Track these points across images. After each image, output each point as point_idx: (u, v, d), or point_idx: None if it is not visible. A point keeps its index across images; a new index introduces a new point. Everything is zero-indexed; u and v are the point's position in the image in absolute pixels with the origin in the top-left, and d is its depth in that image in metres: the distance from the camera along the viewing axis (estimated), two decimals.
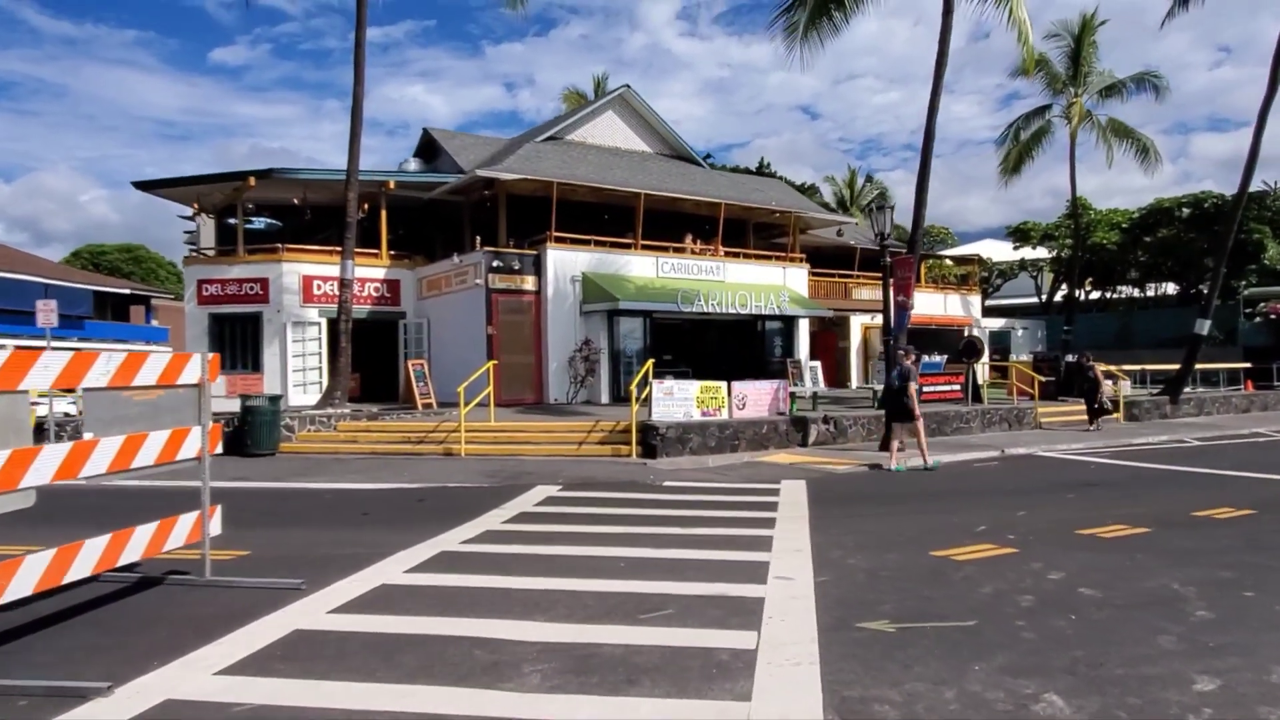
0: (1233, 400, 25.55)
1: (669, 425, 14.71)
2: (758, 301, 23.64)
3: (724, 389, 15.81)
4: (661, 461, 14.32)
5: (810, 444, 16.25)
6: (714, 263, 24.53)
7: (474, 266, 21.55)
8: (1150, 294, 42.31)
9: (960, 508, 10.13)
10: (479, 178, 22.23)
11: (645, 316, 22.32)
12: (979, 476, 13.22)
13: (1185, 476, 12.80)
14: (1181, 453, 16.07)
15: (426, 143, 29.12)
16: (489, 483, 12.37)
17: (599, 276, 22.11)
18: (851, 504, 10.58)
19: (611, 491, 11.50)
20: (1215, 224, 35.05)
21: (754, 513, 9.82)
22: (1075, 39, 33.05)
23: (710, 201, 25.36)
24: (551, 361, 21.65)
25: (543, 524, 9.24)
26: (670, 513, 9.86)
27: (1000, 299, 43.19)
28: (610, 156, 27.38)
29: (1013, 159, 34.25)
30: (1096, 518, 9.27)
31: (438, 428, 16.26)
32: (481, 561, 7.49)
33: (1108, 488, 11.74)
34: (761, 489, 11.72)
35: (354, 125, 18.49)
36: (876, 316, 32.74)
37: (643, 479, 12.64)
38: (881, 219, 15.21)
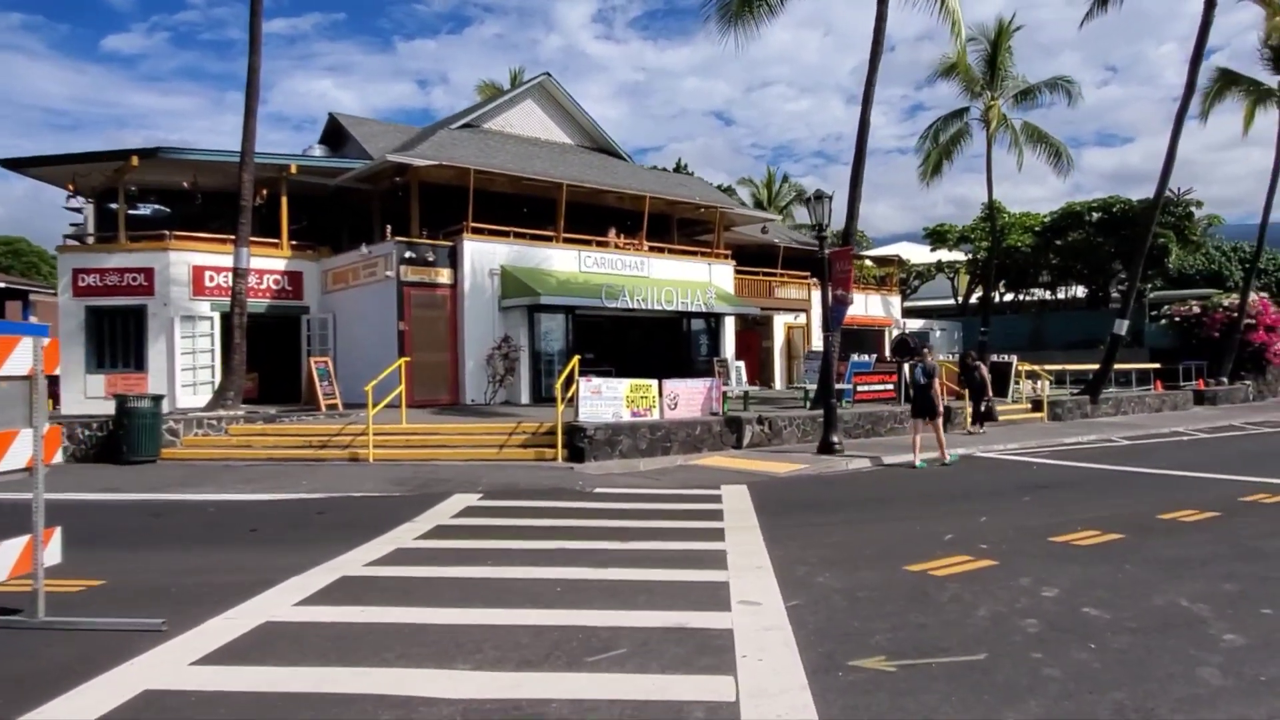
0: (1146, 400, 25.99)
1: (597, 427, 13.68)
2: (684, 298, 22.81)
3: (654, 388, 14.87)
4: (589, 466, 13.28)
5: (745, 446, 15.45)
6: (639, 258, 23.61)
7: (384, 258, 20.07)
8: (1061, 296, 43.35)
9: (918, 514, 9.40)
10: (389, 164, 20.75)
11: (568, 313, 21.22)
12: (925, 479, 12.60)
13: (1130, 477, 12.44)
14: (1115, 452, 15.88)
15: (333, 129, 27.34)
16: (400, 491, 11.10)
17: (519, 270, 20.92)
18: (802, 511, 9.74)
19: (538, 500, 10.40)
20: (1123, 228, 36.03)
21: (699, 522, 8.88)
22: (992, 43, 33.36)
23: (634, 194, 24.42)
24: (468, 360, 20.34)
25: (463, 539, 8.09)
26: (606, 524, 8.83)
27: (918, 300, 43.68)
28: (530, 147, 26.17)
29: (933, 161, 34.40)
30: (1064, 523, 8.65)
31: (342, 431, 14.83)
32: (390, 589, 6.31)
33: (1060, 489, 11.23)
34: (702, 495, 10.79)
35: (249, 98, 16.84)
36: (800, 316, 32.52)
37: (571, 485, 11.57)
38: (820, 209, 14.52)
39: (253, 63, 16.76)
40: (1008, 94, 33.83)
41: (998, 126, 33.41)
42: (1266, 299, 33.39)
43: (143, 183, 22.17)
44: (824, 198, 14.58)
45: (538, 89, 27.45)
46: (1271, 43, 30.77)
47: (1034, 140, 34.18)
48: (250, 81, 16.75)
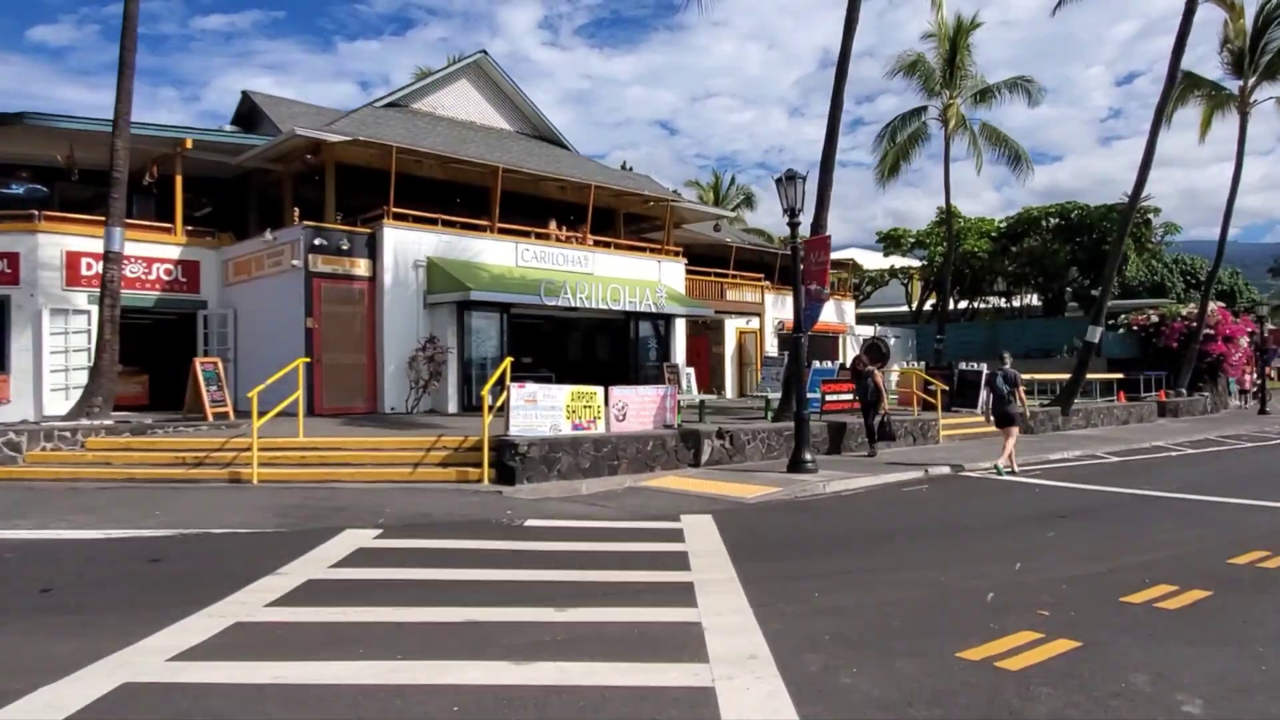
0: (1114, 412, 24.79)
1: (531, 441, 11.50)
2: (631, 297, 20.74)
3: (599, 396, 12.76)
4: (522, 489, 11.08)
5: (704, 464, 13.42)
6: (582, 252, 21.47)
7: (291, 245, 17.58)
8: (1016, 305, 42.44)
9: (934, 556, 7.45)
10: (299, 140, 18.25)
11: (502, 311, 18.97)
12: (919, 506, 10.72)
13: (1149, 503, 10.74)
14: (1110, 471, 14.28)
15: (246, 110, 24.63)
16: (277, 525, 8.76)
17: (447, 263, 18.61)
18: (787, 553, 7.71)
19: (452, 538, 8.18)
20: (1079, 234, 35.15)
21: (658, 573, 6.79)
22: (951, 41, 32.16)
23: (578, 184, 22.31)
24: (388, 363, 17.95)
25: (336, 604, 5.85)
26: (538, 575, 6.68)
27: (871, 307, 42.37)
28: (464, 130, 23.86)
29: (889, 161, 33.07)
30: (1120, 572, 6.80)
31: (225, 445, 12.38)
32: (214, 703, 4.08)
33: (1082, 520, 9.42)
34: (658, 530, 8.71)
35: (124, 50, 14.29)
36: (752, 320, 30.74)
37: (497, 516, 9.37)
38: (792, 191, 12.60)
39: (129, 9, 14.22)
40: (967, 93, 32.68)
41: (956, 126, 32.21)
42: (1225, 309, 32.74)
43: (12, 156, 19.31)
44: (796, 178, 12.66)
45: (473, 69, 25.14)
46: (1232, 46, 30.10)
47: (993, 142, 33.09)
48: (125, 29, 14.20)
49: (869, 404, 15.34)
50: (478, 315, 18.68)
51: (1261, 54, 29.52)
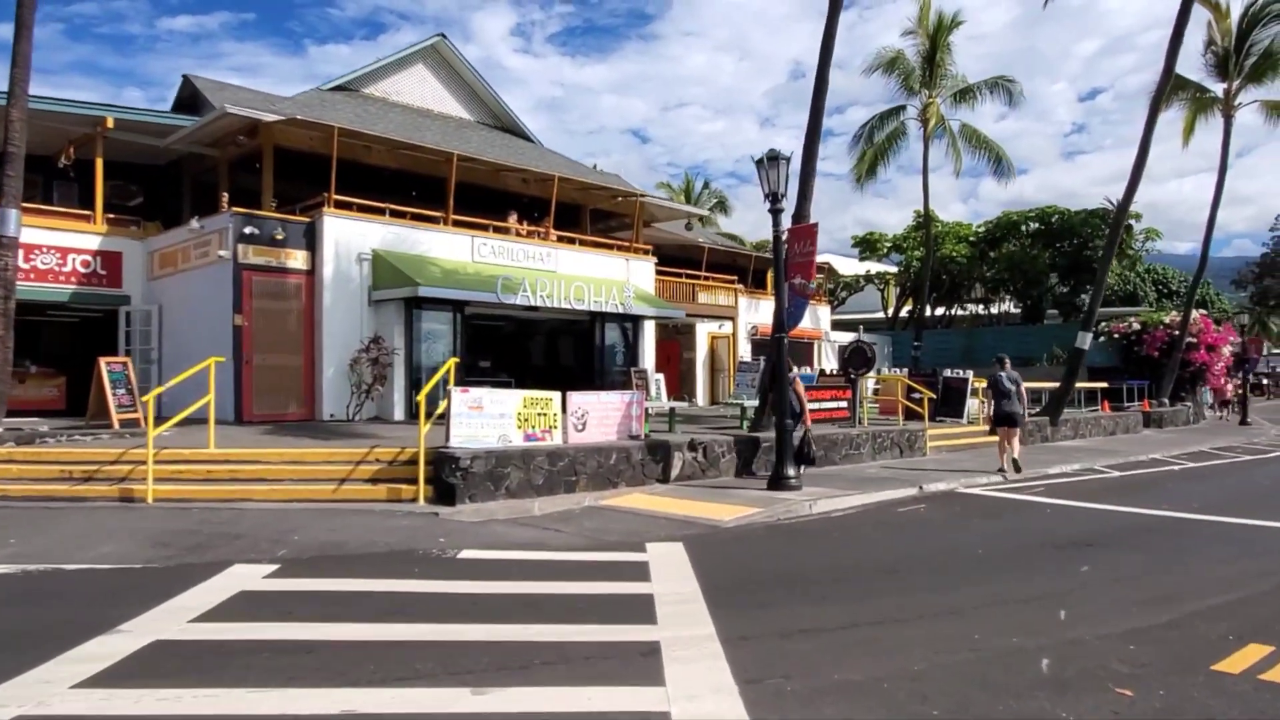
0: (1101, 422, 23.74)
1: (475, 454, 9.96)
2: (597, 296, 19.28)
3: (556, 402, 11.26)
4: (463, 509, 9.54)
5: (674, 479, 11.96)
6: (544, 248, 19.97)
7: (219, 234, 15.90)
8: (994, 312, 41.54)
9: (955, 601, 6.04)
10: (234, 121, 16.58)
11: (456, 310, 17.40)
12: (920, 531, 9.34)
13: (1180, 527, 9.45)
14: (1117, 487, 13.05)
15: (189, 95, 22.77)
16: (151, 559, 7.17)
17: (395, 256, 17.02)
18: (775, 597, 6.25)
19: (362, 575, 6.64)
20: (1060, 239, 34.24)
21: (614, 628, 5.31)
22: (931, 39, 31.12)
23: (541, 176, 20.83)
24: (327, 365, 16.31)
25: (178, 682, 4.30)
26: (460, 632, 5.17)
27: (846, 313, 41.24)
28: (419, 118, 22.30)
29: (868, 161, 31.93)
30: (1189, 621, 5.49)
31: (122, 457, 10.70)
32: None
33: (1113, 549, 8.09)
34: (619, 564, 7.23)
35: (21, 8, 12.56)
36: (725, 324, 29.36)
37: (426, 545, 7.83)
38: (774, 174, 11.21)
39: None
40: (946, 92, 31.65)
41: (936, 125, 31.16)
42: (1207, 317, 31.99)
43: None
44: (779, 159, 11.28)
45: (430, 53, 23.56)
46: (1217, 48, 29.37)
47: (973, 145, 32.09)
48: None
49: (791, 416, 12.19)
50: (428, 314, 17.09)
51: (1246, 56, 28.80)
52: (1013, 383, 13.90)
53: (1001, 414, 13.89)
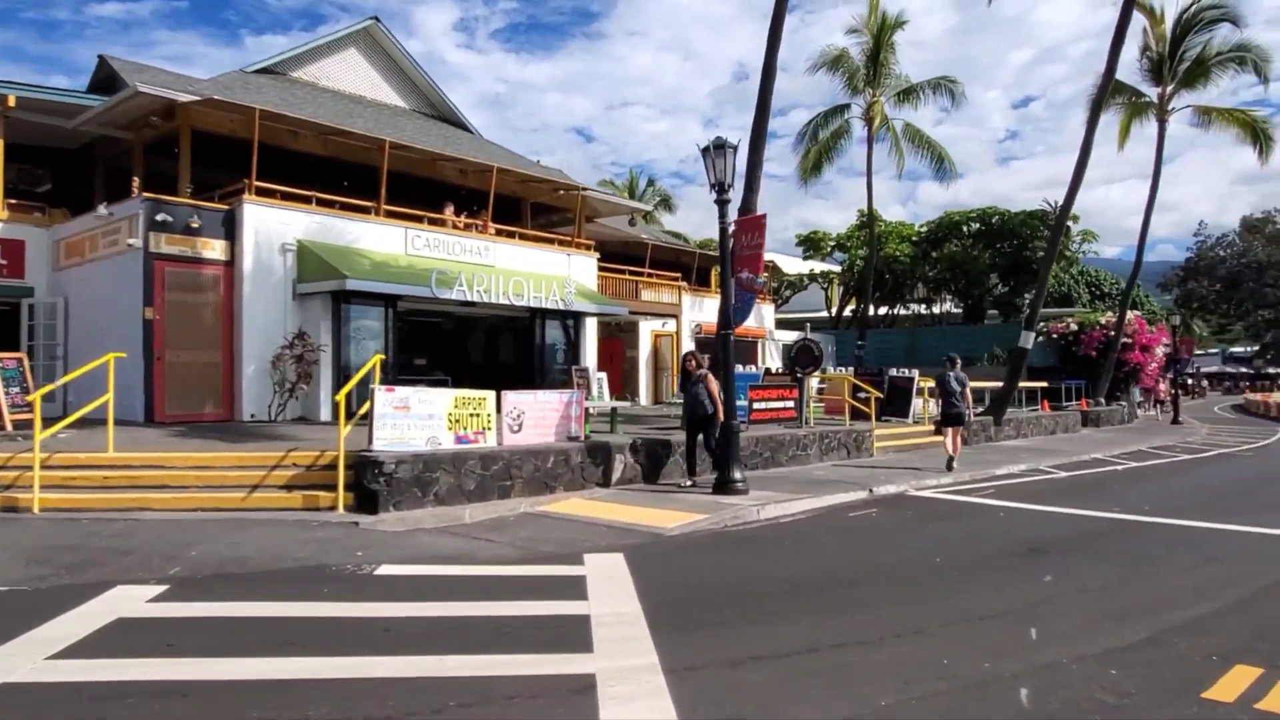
0: (1042, 422, 23.87)
1: (401, 458, 9.22)
2: (536, 292, 18.58)
3: (490, 402, 10.56)
4: (386, 518, 8.81)
5: (616, 483, 11.37)
6: (482, 242, 19.19)
7: (129, 221, 14.81)
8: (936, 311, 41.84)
9: (919, 618, 5.56)
10: (148, 101, 15.47)
11: (388, 304, 16.53)
12: (874, 537, 8.91)
13: (1138, 531, 9.18)
14: (1066, 488, 12.86)
15: (105, 77, 21.33)
16: (17, 582, 6.30)
17: (322, 247, 16.10)
18: (724, 618, 5.69)
19: (263, 598, 5.91)
20: (1000, 240, 34.55)
21: (544, 658, 4.69)
22: (875, 38, 31.09)
23: (480, 166, 20.04)
24: (248, 362, 15.32)
25: None
26: (362, 668, 4.49)
27: (790, 312, 41.10)
28: (350, 104, 21.31)
29: (812, 158, 31.79)
30: (1167, 638, 5.11)
31: (8, 463, 9.69)
32: None
33: (1074, 556, 7.73)
34: (554, 579, 6.61)
35: None
36: (669, 322, 28.87)
37: (341, 560, 7.10)
38: (721, 163, 10.68)
39: None
40: (890, 92, 31.66)
41: (880, 125, 31.15)
42: (1141, 318, 32.58)
43: None
44: (725, 147, 10.75)
45: (363, 36, 22.55)
46: (1152, 53, 29.86)
47: (916, 145, 32.16)
48: None
49: (700, 419, 11.40)
50: (358, 309, 16.19)
51: (1180, 61, 29.34)
52: (959, 383, 14.25)
53: (948, 413, 14.24)
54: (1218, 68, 28.68)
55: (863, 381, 19.15)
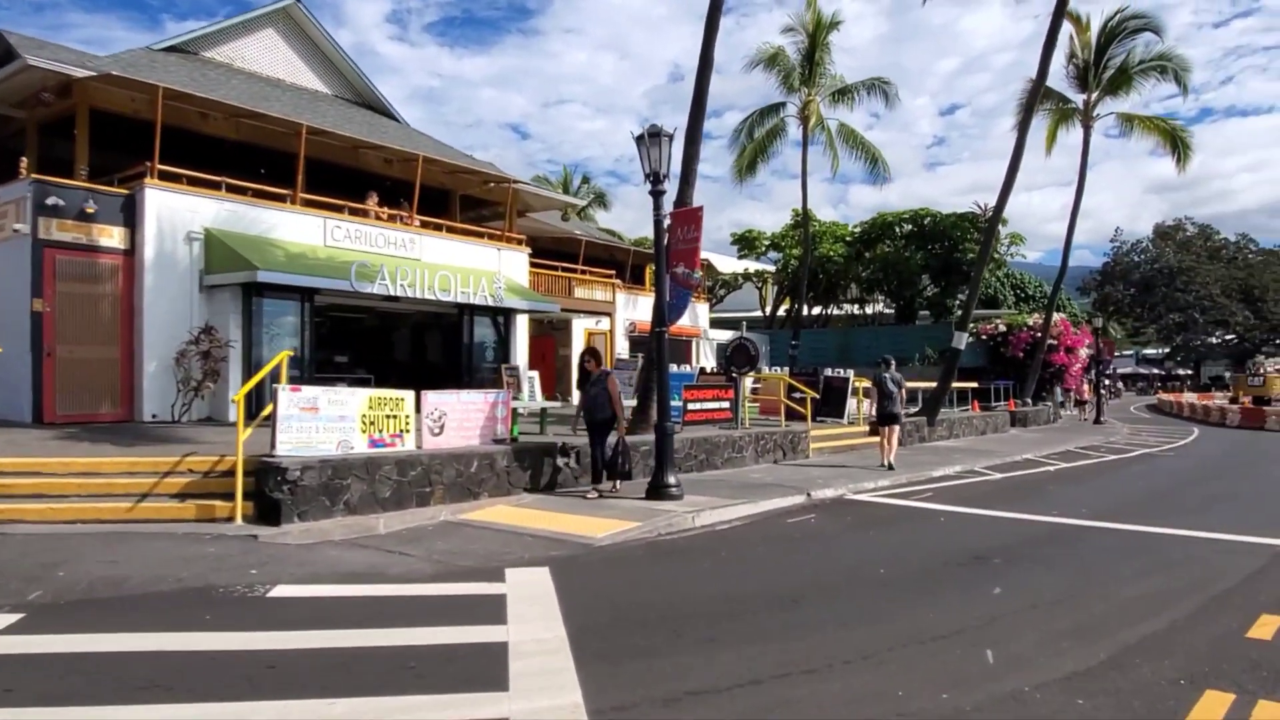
0: (973, 422, 24.02)
1: (308, 464, 8.47)
2: (465, 287, 17.83)
3: (409, 403, 9.86)
4: (290, 530, 8.06)
5: (544, 487, 10.78)
6: (407, 234, 18.35)
7: (15, 204, 13.63)
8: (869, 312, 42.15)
9: (866, 640, 5.12)
10: (40, 76, 14.29)
11: (304, 298, 15.61)
12: (814, 546, 8.51)
13: (1079, 537, 8.97)
14: (1001, 491, 12.73)
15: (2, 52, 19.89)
16: None
17: (232, 236, 15.11)
18: (658, 643, 5.16)
19: (137, 628, 5.17)
20: (932, 241, 34.90)
21: (452, 697, 4.10)
22: (811, 37, 31.07)
23: (405, 155, 19.20)
24: (149, 359, 14.26)
25: None
26: (244, 714, 3.84)
27: (724, 311, 40.95)
28: (268, 88, 20.17)
29: (747, 157, 31.61)
30: (1130, 659, 4.78)
31: None
32: None
33: (1019, 566, 7.44)
34: (471, 599, 6.01)
35: None
36: (602, 320, 28.32)
37: (233, 580, 6.37)
38: (656, 152, 10.18)
39: None
40: (825, 92, 31.66)
41: (815, 125, 31.12)
42: (1067, 319, 33.25)
43: None
44: (661, 135, 10.25)
45: (282, 16, 21.40)
46: (1078, 60, 30.47)
47: (850, 145, 32.24)
48: None
49: (600, 423, 10.44)
50: (272, 302, 15.23)
51: (1104, 69, 30.01)
52: (895, 384, 14.59)
53: (884, 414, 14.46)
54: (1140, 75, 29.40)
55: (798, 381, 18.91)
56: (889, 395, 14.49)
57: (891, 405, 14.43)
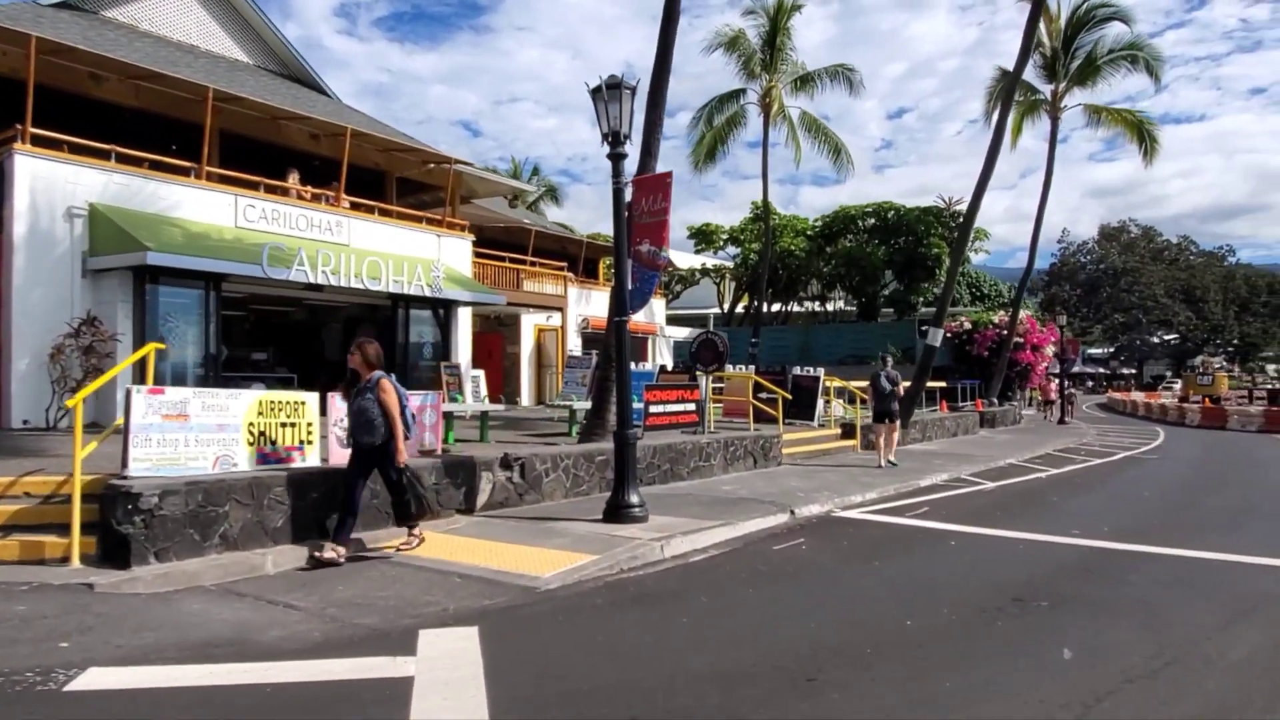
0: (945, 424, 22.83)
1: (169, 488, 6.60)
2: (398, 276, 15.97)
3: (312, 407, 8.03)
4: (143, 575, 6.21)
5: (481, 508, 9.04)
6: (334, 216, 16.43)
7: None
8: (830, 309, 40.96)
9: None
10: None
11: (210, 285, 13.63)
12: (812, 585, 6.91)
13: (1117, 564, 7.52)
14: (1004, 505, 11.31)
15: None
16: None
17: (124, 214, 13.08)
18: None
19: None
20: (895, 235, 33.84)
21: None
22: (772, 20, 29.69)
23: (334, 129, 17.28)
24: (20, 355, 12.20)
25: None
26: None
27: (680, 308, 39.41)
28: (178, 53, 18.04)
29: (706, 144, 30.12)
30: None
31: None
32: None
33: (1077, 613, 5.92)
34: (362, 685, 4.28)
35: None
36: (553, 316, 26.52)
37: (30, 659, 4.55)
38: (615, 108, 8.52)
39: None
40: (787, 78, 30.30)
41: (778, 112, 29.74)
42: (1033, 317, 32.40)
43: None
44: (620, 87, 8.57)
45: None
46: (1045, 50, 29.54)
47: (812, 134, 30.93)
48: None
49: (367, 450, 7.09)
50: (171, 290, 13.25)
51: (1072, 59, 29.14)
52: (891, 382, 14.55)
53: (881, 411, 14.55)
54: (1109, 66, 28.58)
55: (766, 381, 17.42)
56: (885, 394, 14.52)
57: (887, 403, 14.50)
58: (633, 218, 8.94)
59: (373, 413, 6.98)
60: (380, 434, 6.99)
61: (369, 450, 7.05)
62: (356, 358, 7.22)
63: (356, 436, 7.10)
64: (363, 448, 7.07)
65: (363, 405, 7.03)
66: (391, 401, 7.03)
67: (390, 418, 7.01)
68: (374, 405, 6.99)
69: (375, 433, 6.98)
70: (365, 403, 7.02)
